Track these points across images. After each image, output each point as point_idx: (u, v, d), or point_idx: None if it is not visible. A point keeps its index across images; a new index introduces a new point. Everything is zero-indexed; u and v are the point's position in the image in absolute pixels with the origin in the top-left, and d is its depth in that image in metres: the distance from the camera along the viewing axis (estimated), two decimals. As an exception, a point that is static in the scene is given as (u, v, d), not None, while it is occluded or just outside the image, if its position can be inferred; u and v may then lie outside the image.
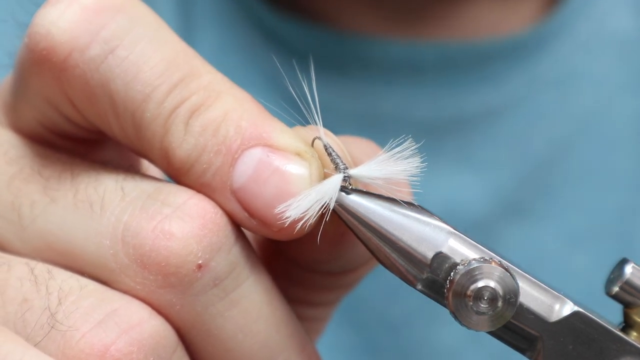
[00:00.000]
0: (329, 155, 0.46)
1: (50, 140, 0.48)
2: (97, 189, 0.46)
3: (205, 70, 0.46)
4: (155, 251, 0.44)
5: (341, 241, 0.48)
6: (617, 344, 0.45)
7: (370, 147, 0.51)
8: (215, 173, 0.45)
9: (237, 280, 0.45)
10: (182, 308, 0.45)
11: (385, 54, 0.88)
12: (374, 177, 0.46)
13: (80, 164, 0.47)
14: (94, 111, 0.46)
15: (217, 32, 0.90)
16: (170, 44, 0.46)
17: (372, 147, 0.51)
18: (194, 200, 0.45)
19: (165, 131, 0.45)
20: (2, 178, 0.47)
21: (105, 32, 0.45)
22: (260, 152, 0.45)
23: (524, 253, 0.87)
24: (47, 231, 0.46)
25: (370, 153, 0.50)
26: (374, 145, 0.51)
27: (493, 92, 0.89)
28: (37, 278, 0.45)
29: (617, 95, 0.91)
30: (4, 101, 0.49)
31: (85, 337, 0.43)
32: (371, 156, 0.48)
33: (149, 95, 0.45)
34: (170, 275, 0.44)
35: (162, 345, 0.44)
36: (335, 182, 0.46)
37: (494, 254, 0.45)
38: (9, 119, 0.48)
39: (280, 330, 0.47)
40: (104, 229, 0.45)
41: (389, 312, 0.87)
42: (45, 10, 0.45)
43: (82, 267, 0.46)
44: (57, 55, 0.45)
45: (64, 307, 0.44)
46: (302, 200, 0.44)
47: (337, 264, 0.50)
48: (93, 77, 0.45)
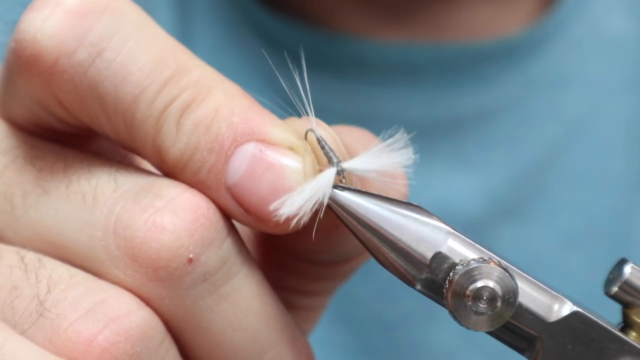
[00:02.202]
0: (321, 149, 0.46)
1: (42, 133, 0.48)
2: (90, 181, 0.46)
3: (195, 65, 0.46)
4: (147, 244, 0.44)
5: (336, 233, 0.48)
6: (617, 344, 0.45)
7: (365, 136, 0.51)
8: (209, 171, 0.45)
9: (228, 275, 0.45)
10: (171, 301, 0.45)
11: (380, 55, 0.88)
12: (367, 170, 0.46)
13: (73, 155, 0.47)
14: (84, 113, 0.46)
15: (213, 32, 0.90)
16: (157, 41, 0.45)
17: (367, 136, 0.51)
18: (186, 194, 0.45)
19: (157, 131, 0.45)
20: None
21: (91, 35, 0.44)
22: (253, 147, 0.45)
23: (518, 254, 0.87)
24: (39, 222, 0.46)
25: (365, 142, 0.50)
26: (369, 134, 0.51)
27: (487, 94, 0.90)
28: (27, 266, 0.45)
29: (611, 96, 0.92)
30: None
31: (72, 326, 0.43)
32: (367, 145, 0.48)
33: (139, 96, 0.44)
34: (160, 269, 0.44)
35: (150, 336, 0.44)
36: (329, 176, 0.46)
37: (493, 254, 0.45)
38: (1, 109, 0.48)
39: (270, 324, 0.47)
40: (96, 220, 0.45)
41: (384, 312, 0.87)
42: (30, 15, 0.45)
43: (74, 258, 0.45)
44: (44, 62, 0.44)
45: (52, 296, 0.44)
46: (297, 196, 0.44)
47: (332, 255, 0.50)
48: (82, 81, 0.45)
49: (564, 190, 0.90)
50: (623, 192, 0.91)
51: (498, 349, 0.51)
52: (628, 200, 0.91)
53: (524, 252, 0.88)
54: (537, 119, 0.90)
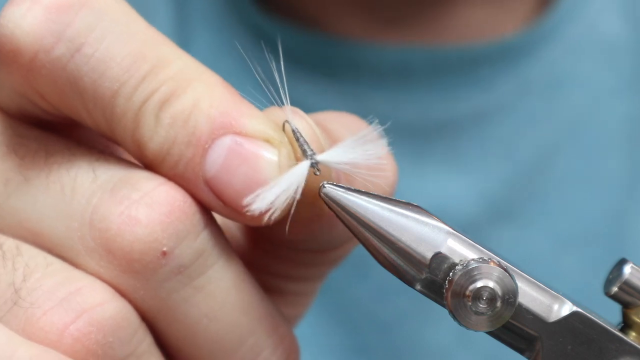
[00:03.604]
0: (296, 140, 0.46)
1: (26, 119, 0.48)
2: (70, 171, 0.46)
3: (175, 57, 0.46)
4: (120, 236, 0.44)
5: (316, 222, 0.48)
6: (616, 344, 0.45)
7: (351, 121, 0.51)
8: (187, 164, 0.45)
9: (203, 267, 0.46)
10: (145, 293, 0.45)
11: (376, 58, 0.88)
12: (341, 162, 0.46)
13: (55, 144, 0.47)
14: (65, 105, 0.46)
15: (211, 35, 0.90)
16: (137, 35, 0.45)
17: (353, 120, 0.51)
18: (163, 187, 0.45)
19: (136, 125, 0.45)
20: None
21: (69, 30, 0.44)
22: (229, 140, 0.45)
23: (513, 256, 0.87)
24: (19, 209, 0.46)
25: (351, 127, 0.50)
26: (355, 118, 0.51)
27: (482, 96, 0.90)
28: (4, 253, 0.45)
29: (606, 99, 0.92)
30: None
31: (46, 315, 0.44)
32: (353, 130, 0.48)
33: (117, 91, 0.45)
34: (134, 262, 0.44)
35: (123, 327, 0.44)
36: (303, 169, 0.45)
37: (493, 254, 0.45)
38: None
39: (249, 313, 0.47)
40: (73, 211, 0.45)
41: (380, 311, 0.87)
42: (9, 10, 0.45)
43: (51, 247, 0.46)
44: (23, 57, 0.44)
45: (28, 284, 0.44)
46: (270, 190, 0.44)
47: (315, 244, 0.50)
48: (60, 75, 0.45)
49: (559, 192, 0.90)
50: (618, 194, 0.91)
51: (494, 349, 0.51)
52: (623, 202, 0.91)
53: (519, 254, 0.88)
54: (533, 121, 0.90)
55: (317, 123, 0.47)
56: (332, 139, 0.48)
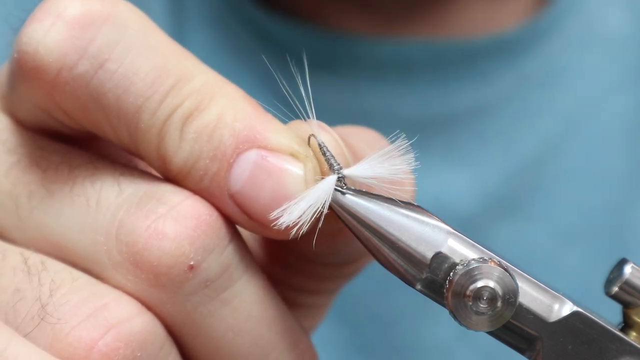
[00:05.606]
0: (323, 155, 0.46)
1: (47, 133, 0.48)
2: (94, 184, 0.46)
3: (198, 71, 0.46)
4: (148, 250, 0.44)
5: (339, 236, 0.48)
6: (617, 344, 0.45)
7: (371, 136, 0.51)
8: (212, 179, 0.45)
9: (229, 281, 0.46)
10: (172, 307, 0.45)
11: (374, 53, 0.88)
12: (368, 177, 0.46)
13: (78, 157, 0.47)
14: (88, 121, 0.46)
15: (208, 32, 0.89)
16: (160, 48, 0.45)
17: (373, 135, 0.51)
18: (189, 201, 0.45)
19: (160, 140, 0.45)
20: (1, 167, 0.47)
21: (92, 46, 0.44)
22: (255, 155, 0.45)
23: (514, 250, 0.87)
24: (43, 223, 0.46)
25: (372, 142, 0.50)
26: (375, 134, 0.51)
27: (482, 90, 0.90)
28: (30, 269, 0.45)
29: (607, 93, 0.92)
30: (2, 88, 0.48)
31: (73, 331, 0.43)
32: (373, 146, 0.48)
33: (142, 106, 0.45)
34: (161, 275, 0.44)
35: (150, 342, 0.44)
36: (330, 183, 0.45)
37: (494, 254, 0.45)
38: (6, 106, 0.48)
39: (272, 328, 0.47)
40: (98, 224, 0.45)
41: (380, 308, 0.87)
42: (32, 27, 0.45)
43: (76, 260, 0.46)
44: (47, 74, 0.44)
45: (54, 299, 0.44)
46: (297, 204, 0.44)
47: (336, 257, 0.50)
48: (84, 92, 0.45)
49: (559, 186, 0.90)
50: (619, 188, 0.91)
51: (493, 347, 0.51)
52: (624, 195, 0.91)
53: (519, 248, 0.88)
54: (532, 115, 0.90)
55: (340, 137, 0.47)
56: (352, 153, 0.48)
